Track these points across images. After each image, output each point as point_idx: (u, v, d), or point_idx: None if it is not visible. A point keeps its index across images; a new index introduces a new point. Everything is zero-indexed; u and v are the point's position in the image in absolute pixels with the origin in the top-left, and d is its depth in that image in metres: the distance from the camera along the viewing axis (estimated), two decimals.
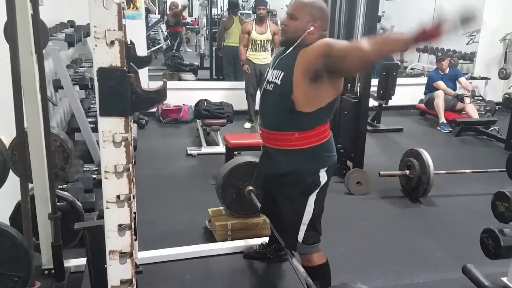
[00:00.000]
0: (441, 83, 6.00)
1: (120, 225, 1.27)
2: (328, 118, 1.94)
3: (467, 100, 5.91)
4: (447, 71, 6.14)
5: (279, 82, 1.86)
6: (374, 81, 4.88)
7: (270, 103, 1.93)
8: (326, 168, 1.93)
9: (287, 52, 1.88)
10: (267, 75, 1.99)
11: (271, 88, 1.92)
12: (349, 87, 3.95)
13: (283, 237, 2.16)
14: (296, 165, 1.91)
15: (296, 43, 1.83)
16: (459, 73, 6.35)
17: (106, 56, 1.16)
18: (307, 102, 1.81)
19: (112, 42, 1.15)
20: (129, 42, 1.98)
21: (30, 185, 1.93)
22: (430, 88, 6.16)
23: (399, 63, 8.27)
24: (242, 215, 2.87)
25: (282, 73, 1.85)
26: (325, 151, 1.93)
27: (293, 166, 1.91)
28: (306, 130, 1.86)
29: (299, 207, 1.94)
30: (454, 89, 6.09)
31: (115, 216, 1.27)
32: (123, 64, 1.19)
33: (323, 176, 1.92)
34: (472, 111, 5.90)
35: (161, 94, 1.30)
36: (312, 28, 1.81)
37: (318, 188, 1.93)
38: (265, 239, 2.67)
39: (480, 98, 6.93)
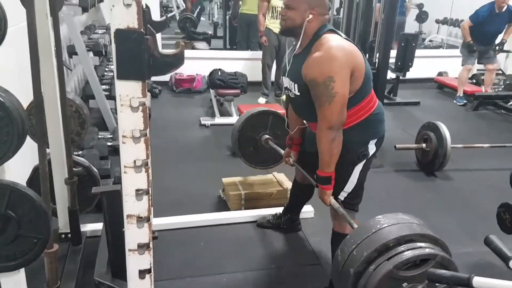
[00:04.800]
0: (467, 23, 5.29)
1: (137, 190, 1.27)
2: (369, 90, 1.88)
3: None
4: (504, 9, 5.11)
5: (298, 93, 1.90)
6: (392, 53, 4.75)
7: (301, 107, 1.98)
8: (376, 140, 1.95)
9: (296, 55, 1.88)
10: (283, 81, 1.99)
11: (294, 96, 1.94)
12: (367, 57, 3.84)
13: None
14: (348, 138, 1.87)
15: (300, 39, 1.84)
16: None
17: (123, 17, 1.14)
18: None
19: (129, 4, 1.12)
20: (144, 6, 1.93)
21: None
22: (472, 17, 5.33)
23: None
24: (263, 167, 2.91)
25: (296, 85, 1.88)
26: (374, 123, 1.94)
27: (345, 139, 1.87)
28: (349, 109, 1.82)
29: (345, 175, 1.95)
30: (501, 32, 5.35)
31: (132, 181, 1.27)
32: (140, 25, 1.16)
33: (372, 148, 1.94)
34: (490, 76, 5.69)
35: (178, 58, 1.27)
36: (310, 16, 1.80)
37: (365, 159, 1.95)
38: (279, 209, 2.68)
39: (500, 72, 6.74)
